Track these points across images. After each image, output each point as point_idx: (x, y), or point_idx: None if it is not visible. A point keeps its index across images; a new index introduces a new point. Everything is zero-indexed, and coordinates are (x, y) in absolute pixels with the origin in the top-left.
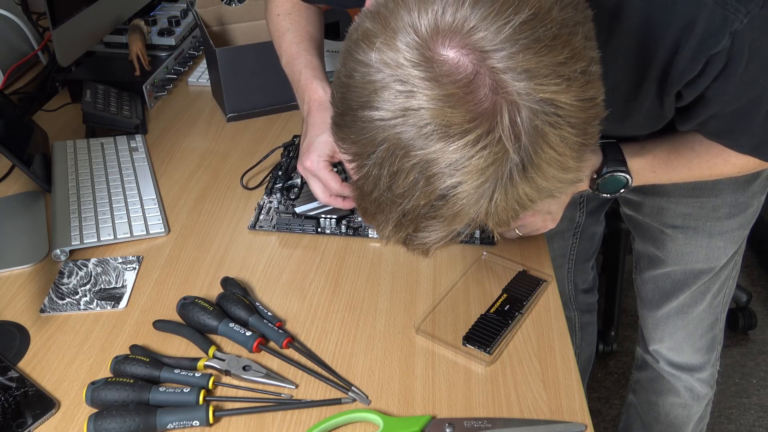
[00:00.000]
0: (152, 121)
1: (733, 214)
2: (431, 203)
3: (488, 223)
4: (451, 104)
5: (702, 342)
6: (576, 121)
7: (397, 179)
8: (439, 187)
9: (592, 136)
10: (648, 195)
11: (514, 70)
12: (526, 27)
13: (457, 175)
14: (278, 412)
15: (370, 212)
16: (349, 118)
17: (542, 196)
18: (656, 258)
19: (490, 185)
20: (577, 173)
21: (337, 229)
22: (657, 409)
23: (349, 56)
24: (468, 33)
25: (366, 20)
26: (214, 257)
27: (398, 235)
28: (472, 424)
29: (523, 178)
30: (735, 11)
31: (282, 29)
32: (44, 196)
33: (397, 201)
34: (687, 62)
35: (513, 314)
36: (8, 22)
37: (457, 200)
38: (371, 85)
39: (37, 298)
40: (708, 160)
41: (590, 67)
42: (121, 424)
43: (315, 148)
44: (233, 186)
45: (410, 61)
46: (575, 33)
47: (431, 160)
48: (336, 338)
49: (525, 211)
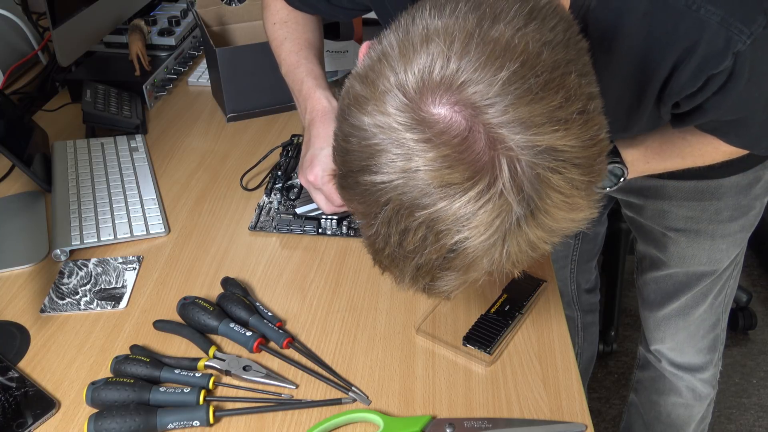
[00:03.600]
0: (152, 121)
1: (735, 217)
2: (443, 256)
3: (506, 267)
4: (448, 165)
5: (704, 342)
6: (580, 161)
7: (406, 237)
8: (447, 243)
9: (599, 172)
10: (650, 198)
11: (508, 123)
12: (516, 77)
13: (464, 230)
14: (278, 413)
15: (385, 266)
16: (352, 180)
17: (556, 237)
18: (658, 260)
19: (498, 236)
20: (590, 210)
21: (338, 230)
22: (659, 409)
23: (343, 120)
24: (458, 89)
25: (356, 84)
26: (215, 257)
27: (416, 286)
28: (472, 425)
29: (532, 226)
30: (739, 32)
31: (279, 38)
32: (44, 196)
33: (410, 256)
34: (687, 79)
35: (513, 314)
36: (8, 22)
37: (467, 253)
38: (368, 149)
39: (38, 298)
40: (699, 148)
41: (588, 105)
42: (122, 424)
43: (319, 161)
44: (233, 186)
45: (402, 124)
46: (568, 73)
47: (436, 218)
48: (336, 338)
49: (542, 252)
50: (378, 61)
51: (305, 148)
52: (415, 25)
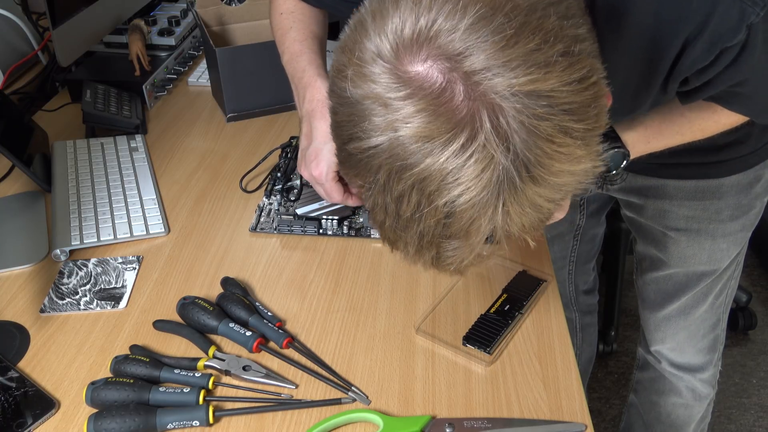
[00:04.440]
0: (152, 121)
1: (736, 216)
2: (441, 222)
3: (513, 231)
4: (427, 119)
5: (704, 342)
6: (570, 106)
7: (402, 203)
8: (440, 204)
9: (598, 118)
10: (650, 198)
11: (483, 70)
12: (486, 22)
13: (453, 188)
14: (278, 412)
15: (391, 240)
16: (346, 153)
17: (560, 193)
18: (658, 260)
19: (490, 192)
20: (593, 161)
21: (339, 230)
22: (658, 409)
23: (331, 94)
24: (429, 42)
25: (338, 55)
26: (214, 257)
27: (423, 258)
28: (472, 424)
29: (528, 179)
30: (752, 4)
31: (285, 27)
32: (44, 196)
33: (410, 225)
34: (699, 54)
35: (513, 314)
36: (8, 22)
37: (463, 214)
38: (354, 117)
39: (37, 298)
40: (699, 124)
41: (573, 47)
42: (121, 424)
43: (323, 157)
44: (233, 186)
45: (382, 86)
46: (546, 16)
47: (425, 177)
48: (336, 338)
49: (548, 211)
50: (355, 30)
51: (306, 140)
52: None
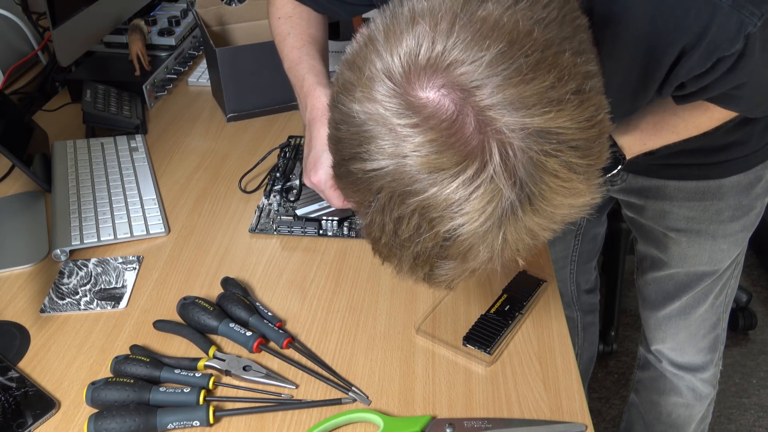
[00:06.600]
0: (152, 121)
1: (736, 217)
2: (439, 244)
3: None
4: (437, 150)
5: (704, 342)
6: (577, 143)
7: (401, 225)
8: (441, 230)
9: (599, 154)
10: (650, 199)
11: (497, 105)
12: (504, 57)
13: (456, 217)
14: (278, 413)
15: (384, 255)
16: (344, 169)
17: (557, 223)
18: (659, 260)
19: (493, 223)
20: (592, 194)
21: (339, 231)
22: (659, 409)
23: (335, 108)
24: (445, 71)
25: (344, 70)
26: (215, 257)
27: (416, 275)
28: (472, 425)
29: (528, 212)
30: (750, 14)
31: (283, 33)
32: (44, 196)
33: (406, 245)
34: (696, 62)
35: (513, 314)
36: (8, 22)
37: (463, 241)
38: (358, 136)
39: (37, 298)
40: (693, 121)
41: (585, 85)
42: (121, 425)
43: (322, 164)
44: (233, 186)
45: (391, 110)
46: (562, 51)
47: (428, 205)
48: (336, 338)
49: (543, 239)
50: (365, 46)
51: (307, 149)
52: (401, 8)
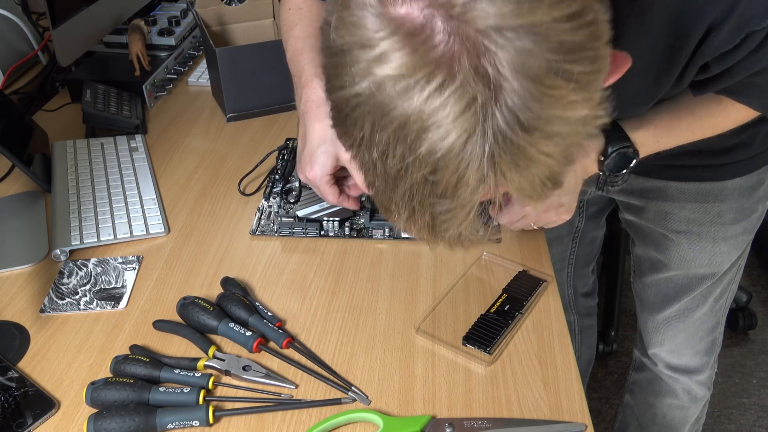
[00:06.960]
0: (152, 121)
1: (737, 220)
2: (426, 177)
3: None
4: (404, 61)
5: (702, 345)
6: (562, 45)
7: (387, 158)
8: (423, 152)
9: (594, 60)
10: (652, 200)
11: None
12: None
13: (432, 133)
14: (278, 412)
15: (385, 205)
16: (335, 110)
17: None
18: (659, 262)
19: (474, 137)
20: (591, 109)
21: (341, 231)
22: (654, 411)
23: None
24: None
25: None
26: (214, 257)
27: (418, 224)
28: (472, 424)
29: (515, 124)
30: None
31: (291, 23)
32: (44, 196)
33: (398, 182)
34: (724, 37)
35: (513, 314)
36: (8, 22)
37: (447, 164)
38: (339, 67)
39: (37, 298)
40: (708, 120)
41: None
42: (121, 424)
43: (317, 160)
44: (233, 186)
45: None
46: None
47: (404, 123)
48: (336, 338)
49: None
50: None
51: (302, 143)
52: None
